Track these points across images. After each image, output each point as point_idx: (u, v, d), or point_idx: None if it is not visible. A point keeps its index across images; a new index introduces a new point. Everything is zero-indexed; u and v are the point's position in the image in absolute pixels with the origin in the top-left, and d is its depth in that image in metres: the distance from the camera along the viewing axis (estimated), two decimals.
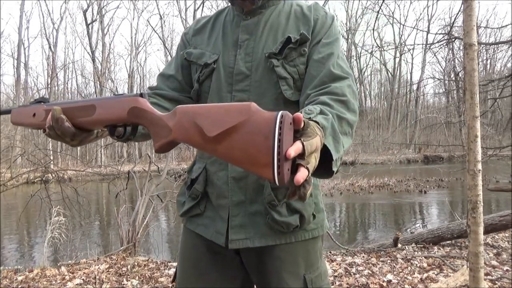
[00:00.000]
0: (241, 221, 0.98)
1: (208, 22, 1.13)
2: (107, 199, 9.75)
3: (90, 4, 24.53)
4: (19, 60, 23.21)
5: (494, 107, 7.79)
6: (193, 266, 1.05)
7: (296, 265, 1.00)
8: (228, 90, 1.01)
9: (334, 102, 0.85)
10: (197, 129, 0.67)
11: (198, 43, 1.10)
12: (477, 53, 1.37)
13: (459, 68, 23.23)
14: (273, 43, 1.00)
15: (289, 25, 1.02)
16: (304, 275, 1.00)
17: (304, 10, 1.04)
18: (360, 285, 3.02)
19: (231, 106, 0.67)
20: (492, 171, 12.47)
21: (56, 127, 0.85)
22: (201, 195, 1.04)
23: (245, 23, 1.04)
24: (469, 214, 1.38)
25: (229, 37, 1.05)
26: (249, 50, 1.02)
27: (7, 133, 12.80)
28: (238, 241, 0.98)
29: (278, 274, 0.99)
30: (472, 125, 1.36)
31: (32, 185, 6.75)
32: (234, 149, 0.64)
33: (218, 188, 1.01)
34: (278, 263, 0.99)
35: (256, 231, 0.98)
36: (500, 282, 2.89)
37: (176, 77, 1.10)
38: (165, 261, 4.05)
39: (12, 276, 3.43)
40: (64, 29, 42.20)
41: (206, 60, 1.05)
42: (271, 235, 0.97)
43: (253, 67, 1.00)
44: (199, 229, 1.05)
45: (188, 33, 1.14)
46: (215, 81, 1.03)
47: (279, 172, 0.59)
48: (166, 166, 5.46)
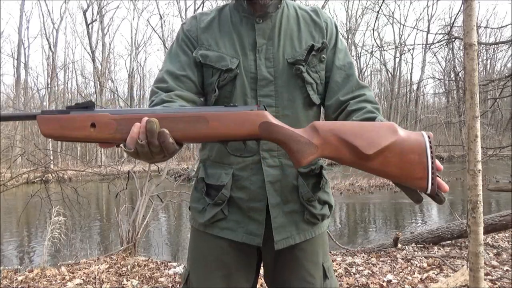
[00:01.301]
0: (281, 222, 1.03)
1: (213, 21, 1.08)
2: (107, 199, 9.75)
3: (90, 4, 24.53)
4: (19, 60, 23.20)
5: (494, 107, 7.80)
6: (218, 268, 1.05)
7: (316, 254, 1.09)
8: (252, 96, 1.03)
9: (377, 110, 0.99)
10: (351, 147, 0.74)
11: (209, 44, 1.05)
12: (477, 53, 1.37)
13: (459, 68, 23.24)
14: (291, 49, 1.05)
15: (302, 31, 1.08)
16: (322, 264, 1.09)
17: (312, 17, 1.10)
18: (360, 285, 3.01)
19: (380, 127, 0.76)
20: (492, 171, 12.47)
21: (153, 142, 0.72)
22: (226, 202, 1.04)
23: (260, 27, 1.05)
24: (469, 214, 1.38)
25: (245, 41, 1.05)
26: (268, 55, 1.04)
27: (7, 133, 12.78)
28: (283, 241, 1.03)
29: (299, 263, 1.06)
30: (472, 125, 1.36)
31: (32, 185, 6.75)
32: (389, 165, 0.74)
33: (252, 192, 1.03)
34: (301, 253, 1.07)
35: (295, 228, 1.04)
36: (500, 282, 2.89)
37: (189, 77, 1.03)
38: (165, 261, 4.05)
39: (12, 276, 3.43)
40: (64, 29, 42.27)
41: (228, 65, 1.02)
42: (307, 230, 1.06)
43: (276, 72, 1.03)
44: (224, 233, 1.05)
45: (192, 31, 1.08)
46: (238, 86, 1.03)
47: (433, 183, 0.74)
48: (166, 166, 5.46)
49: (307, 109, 1.06)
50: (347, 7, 30.38)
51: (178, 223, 7.92)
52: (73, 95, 26.48)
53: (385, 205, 9.54)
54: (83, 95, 22.83)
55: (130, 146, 0.73)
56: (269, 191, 1.02)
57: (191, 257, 1.12)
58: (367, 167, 0.75)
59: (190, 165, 16.78)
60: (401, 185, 0.79)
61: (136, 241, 4.39)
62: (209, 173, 1.07)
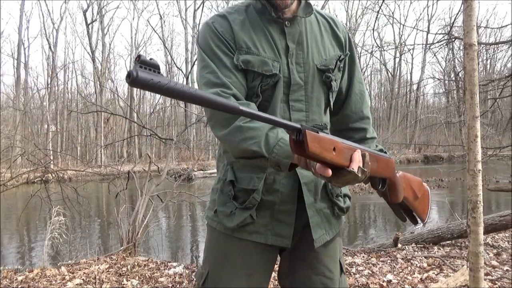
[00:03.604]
0: (317, 220, 1.07)
1: (244, 22, 1.04)
2: (107, 199, 9.74)
3: (90, 4, 24.53)
4: (19, 60, 23.20)
5: (494, 107, 7.79)
6: (243, 268, 1.07)
7: (335, 249, 1.13)
8: (284, 100, 1.04)
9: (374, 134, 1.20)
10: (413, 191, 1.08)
11: (248, 47, 1.02)
12: (477, 53, 1.37)
13: (459, 68, 23.25)
14: (319, 56, 1.08)
15: (324, 39, 1.11)
16: (339, 259, 1.14)
17: (332, 26, 1.14)
18: (360, 285, 3.01)
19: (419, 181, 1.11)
20: (492, 171, 12.46)
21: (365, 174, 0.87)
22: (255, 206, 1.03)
23: (290, 31, 1.04)
24: (469, 214, 1.38)
25: (278, 44, 1.04)
26: (299, 60, 1.05)
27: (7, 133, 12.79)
28: (320, 239, 1.07)
29: (319, 259, 1.10)
30: (472, 125, 1.36)
31: (32, 185, 6.75)
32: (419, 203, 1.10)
33: (283, 195, 1.05)
34: (321, 249, 1.09)
35: (327, 224, 1.10)
36: (500, 282, 2.89)
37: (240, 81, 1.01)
38: (165, 261, 4.05)
39: (12, 276, 3.43)
40: (64, 29, 42.13)
41: (271, 70, 1.01)
42: (335, 225, 1.12)
43: (307, 77, 1.06)
44: (253, 237, 1.06)
45: (228, 32, 1.03)
46: (276, 91, 1.03)
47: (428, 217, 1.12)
48: (166, 166, 5.47)
49: (326, 114, 1.14)
50: (347, 7, 30.41)
51: (178, 223, 7.92)
52: (73, 95, 26.50)
53: (385, 205, 9.47)
54: (83, 95, 22.83)
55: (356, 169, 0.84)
56: (305, 192, 1.05)
57: (212, 258, 1.12)
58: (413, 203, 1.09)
59: (190, 165, 16.78)
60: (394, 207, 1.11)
61: (136, 241, 4.39)
62: (239, 177, 1.05)
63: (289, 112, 1.04)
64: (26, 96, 23.88)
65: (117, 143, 22.36)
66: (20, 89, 23.19)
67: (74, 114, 21.61)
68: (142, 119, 17.29)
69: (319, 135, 0.79)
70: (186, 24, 26.75)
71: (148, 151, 17.08)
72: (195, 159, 18.67)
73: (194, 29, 25.46)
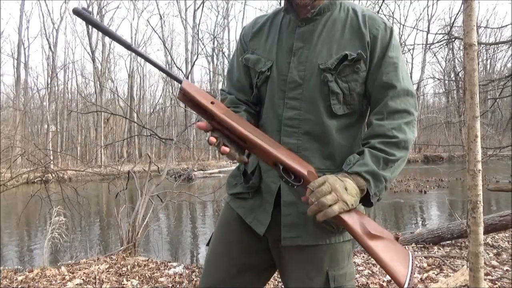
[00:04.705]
0: (294, 220, 1.05)
1: (265, 24, 1.15)
2: (107, 199, 9.74)
3: (90, 4, 24.52)
4: (19, 60, 23.19)
5: (494, 107, 7.80)
6: (225, 234, 1.17)
7: (320, 260, 1.06)
8: (281, 97, 1.07)
9: (383, 145, 0.97)
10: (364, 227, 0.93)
11: (255, 47, 1.14)
12: (477, 53, 1.37)
13: (459, 68, 23.25)
14: (327, 55, 1.03)
15: (344, 38, 1.04)
16: (327, 271, 1.05)
17: (360, 24, 1.04)
18: (360, 285, 3.02)
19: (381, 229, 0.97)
20: (492, 171, 12.47)
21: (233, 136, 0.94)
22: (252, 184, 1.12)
23: (301, 31, 1.06)
24: (469, 214, 1.38)
25: (284, 44, 1.08)
26: (302, 59, 1.05)
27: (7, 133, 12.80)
28: (291, 239, 1.05)
29: (301, 264, 1.07)
30: (472, 125, 1.36)
31: (32, 185, 6.75)
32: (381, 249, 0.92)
33: (267, 185, 1.09)
34: (304, 255, 1.06)
35: (305, 229, 1.04)
36: (500, 282, 2.89)
37: (240, 81, 1.17)
38: (165, 261, 4.05)
39: (12, 276, 3.43)
40: (64, 29, 42.18)
41: (261, 67, 1.09)
42: (320, 235, 1.04)
43: (305, 76, 1.04)
44: (240, 210, 1.14)
45: (246, 35, 1.18)
46: (269, 88, 1.09)
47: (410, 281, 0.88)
48: (166, 166, 5.46)
49: (331, 118, 1.04)
50: None
51: (178, 223, 7.92)
52: (73, 95, 26.48)
53: (385, 205, 9.54)
54: (83, 95, 22.82)
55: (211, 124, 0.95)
56: (282, 189, 1.06)
57: (217, 222, 1.25)
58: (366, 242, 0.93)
59: (190, 165, 16.79)
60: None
61: (136, 241, 4.39)
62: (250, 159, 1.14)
63: (283, 109, 1.06)
64: (26, 96, 23.88)
65: (117, 143, 22.36)
66: (20, 89, 23.19)
67: (74, 114, 21.62)
68: (142, 119, 17.32)
69: (199, 88, 0.96)
70: (186, 24, 26.77)
71: (148, 151, 17.09)
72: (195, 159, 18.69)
73: (194, 29, 25.46)
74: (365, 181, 0.94)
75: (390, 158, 0.96)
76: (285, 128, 1.05)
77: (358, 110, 1.08)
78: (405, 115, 1.00)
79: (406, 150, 0.99)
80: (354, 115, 1.07)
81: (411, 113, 1.01)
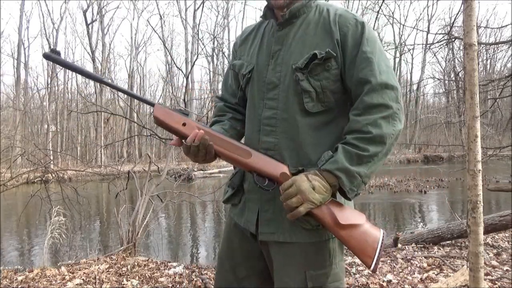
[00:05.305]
0: (271, 216, 1.09)
1: (251, 32, 1.24)
2: (107, 199, 9.74)
3: (90, 4, 24.52)
4: (19, 60, 23.19)
5: (494, 107, 7.79)
6: (227, 242, 1.24)
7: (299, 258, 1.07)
8: (260, 98, 1.12)
9: (357, 141, 0.99)
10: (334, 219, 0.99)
11: (242, 54, 1.22)
12: (477, 53, 1.37)
13: (459, 68, 23.24)
14: (300, 55, 1.06)
15: (316, 38, 1.07)
16: (305, 271, 1.06)
17: (330, 23, 1.07)
18: (360, 285, 3.01)
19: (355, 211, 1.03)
20: (492, 171, 12.47)
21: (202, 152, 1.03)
22: (237, 188, 1.18)
23: (278, 34, 1.12)
24: (469, 214, 1.38)
25: (264, 48, 1.15)
26: (279, 61, 1.10)
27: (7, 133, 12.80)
28: (267, 234, 1.10)
29: (281, 262, 1.10)
30: (472, 125, 1.36)
31: (32, 185, 6.75)
32: (351, 238, 0.98)
33: (251, 184, 1.12)
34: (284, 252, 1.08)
35: (281, 226, 1.08)
36: (500, 282, 2.89)
37: (232, 86, 1.26)
38: (165, 261, 4.05)
39: (12, 276, 3.43)
40: (64, 29, 42.17)
41: (243, 71, 1.17)
42: (298, 233, 1.06)
43: (281, 77, 1.09)
44: (236, 217, 1.20)
45: (236, 44, 1.28)
46: (250, 89, 1.16)
47: (376, 264, 0.97)
48: (166, 166, 5.46)
49: (305, 116, 1.07)
50: (347, 7, 30.30)
51: (178, 223, 7.92)
52: (73, 95, 26.48)
53: (385, 205, 9.54)
54: (83, 95, 22.81)
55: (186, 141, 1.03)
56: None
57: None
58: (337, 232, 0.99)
59: (190, 165, 16.79)
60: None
61: (136, 241, 4.39)
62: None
63: (262, 109, 1.12)
64: (26, 96, 23.88)
65: (117, 143, 22.35)
66: (20, 89, 23.19)
67: (74, 114, 21.61)
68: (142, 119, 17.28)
69: (169, 110, 1.05)
70: (186, 24, 26.75)
71: (148, 151, 17.10)
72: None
73: (194, 29, 25.45)
74: (336, 178, 0.98)
75: (364, 154, 0.97)
76: (263, 127, 1.10)
77: (336, 108, 1.09)
78: (382, 109, 1.00)
79: (383, 144, 0.99)
80: (331, 112, 1.08)
81: (389, 106, 1.00)
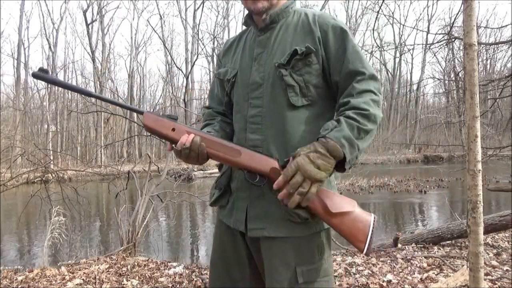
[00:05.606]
0: (259, 212, 1.12)
1: (234, 42, 1.30)
2: (107, 199, 9.74)
3: (90, 4, 24.53)
4: (19, 60, 23.20)
5: (494, 107, 7.79)
6: (219, 245, 1.25)
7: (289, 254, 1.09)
8: (245, 99, 1.17)
9: (357, 116, 1.03)
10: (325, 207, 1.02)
11: (226, 62, 1.28)
12: (477, 53, 1.37)
13: (459, 68, 23.23)
14: (281, 55, 1.12)
15: (296, 37, 1.14)
16: (295, 267, 1.08)
17: (310, 23, 1.15)
18: (360, 285, 3.01)
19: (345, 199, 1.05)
20: (492, 171, 12.47)
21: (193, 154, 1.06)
22: (224, 188, 1.20)
23: (260, 39, 1.18)
24: (469, 214, 1.38)
25: (247, 53, 1.21)
26: (262, 62, 1.16)
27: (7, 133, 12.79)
28: (256, 230, 1.12)
29: (270, 257, 1.11)
30: (472, 125, 1.36)
31: (32, 185, 6.75)
32: (343, 225, 1.02)
33: (240, 182, 1.16)
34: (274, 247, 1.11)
35: (269, 221, 1.11)
36: (500, 282, 2.89)
37: (218, 95, 1.31)
38: (165, 261, 4.04)
39: (12, 276, 3.43)
40: (64, 29, 42.20)
41: (228, 76, 1.23)
42: (285, 227, 1.09)
43: (265, 76, 1.14)
44: (225, 219, 1.21)
45: (220, 54, 1.34)
46: (235, 93, 1.22)
47: (368, 248, 1.01)
48: (166, 166, 5.46)
49: (292, 110, 1.12)
50: (347, 7, 30.27)
51: (178, 223, 7.92)
52: (73, 95, 26.45)
53: (385, 205, 9.54)
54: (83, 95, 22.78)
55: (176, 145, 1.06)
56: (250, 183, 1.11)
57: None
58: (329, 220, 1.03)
59: (190, 165, 16.78)
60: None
61: (136, 241, 4.38)
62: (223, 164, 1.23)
63: (247, 109, 1.16)
64: (26, 96, 23.88)
65: (117, 143, 22.36)
66: (20, 89, 23.19)
67: (74, 114, 21.62)
68: None
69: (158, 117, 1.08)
70: (186, 24, 26.77)
71: (148, 151, 17.09)
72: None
73: (194, 29, 25.46)
74: (341, 147, 0.99)
75: (363, 127, 1.02)
76: (249, 126, 1.15)
77: (320, 102, 1.14)
78: (372, 94, 1.07)
79: (375, 124, 1.05)
80: (316, 107, 1.14)
81: (376, 93, 1.08)
